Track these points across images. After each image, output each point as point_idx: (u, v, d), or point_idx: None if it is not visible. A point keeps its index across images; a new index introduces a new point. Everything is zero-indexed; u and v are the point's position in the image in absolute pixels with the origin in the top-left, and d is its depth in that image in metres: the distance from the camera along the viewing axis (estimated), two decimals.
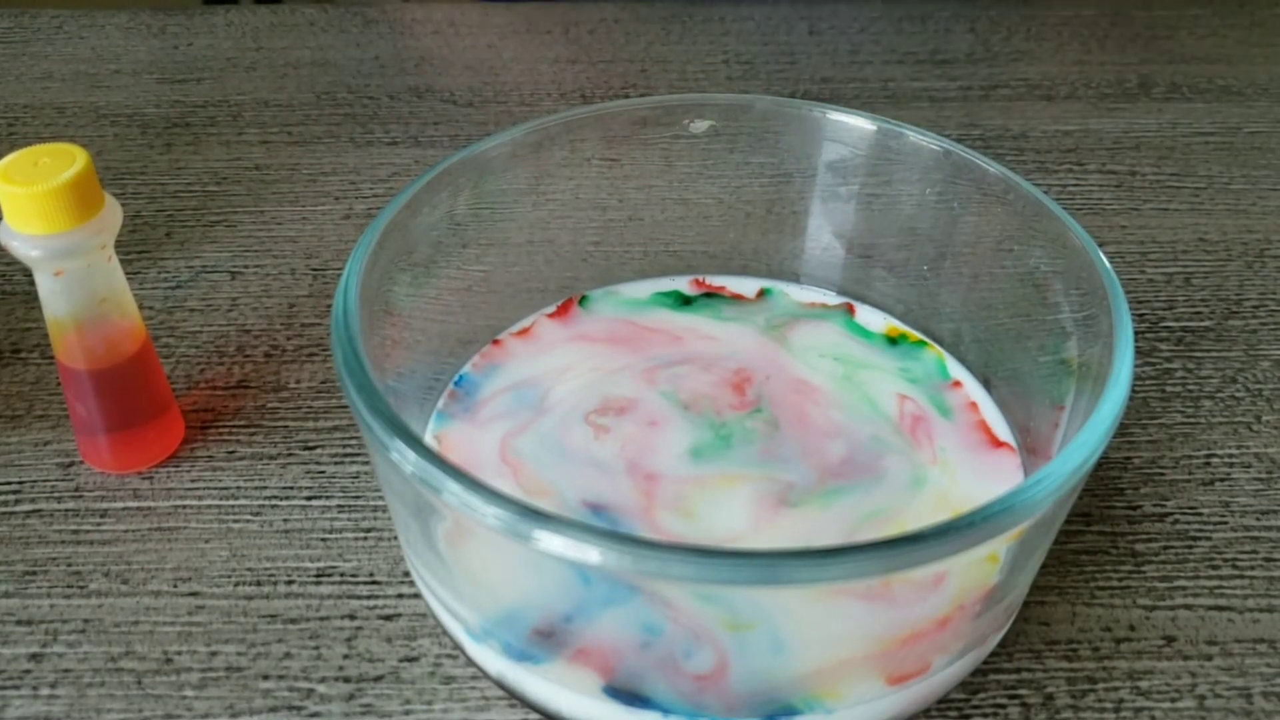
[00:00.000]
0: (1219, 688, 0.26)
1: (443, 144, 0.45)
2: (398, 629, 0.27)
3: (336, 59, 0.51)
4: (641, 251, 0.33)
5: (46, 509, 0.30)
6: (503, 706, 0.25)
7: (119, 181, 0.42)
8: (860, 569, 0.20)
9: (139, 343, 0.29)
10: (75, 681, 0.26)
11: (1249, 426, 0.32)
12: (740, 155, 0.33)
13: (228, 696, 0.25)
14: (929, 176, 0.30)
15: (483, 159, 0.29)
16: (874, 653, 0.22)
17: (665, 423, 0.29)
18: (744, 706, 0.22)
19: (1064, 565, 0.28)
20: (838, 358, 0.31)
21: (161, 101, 0.47)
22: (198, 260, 0.38)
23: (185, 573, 0.28)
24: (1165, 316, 0.36)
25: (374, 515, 0.30)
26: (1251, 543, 0.29)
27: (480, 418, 0.29)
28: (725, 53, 0.51)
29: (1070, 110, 0.47)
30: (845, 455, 0.28)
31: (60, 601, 0.27)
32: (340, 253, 0.39)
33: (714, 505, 0.27)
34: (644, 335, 0.31)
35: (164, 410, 0.31)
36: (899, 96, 0.48)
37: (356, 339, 0.24)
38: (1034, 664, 0.26)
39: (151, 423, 0.30)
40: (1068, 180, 0.43)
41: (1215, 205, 0.42)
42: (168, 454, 0.31)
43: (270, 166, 0.43)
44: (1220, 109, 0.47)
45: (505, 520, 0.20)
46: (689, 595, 0.22)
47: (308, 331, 0.35)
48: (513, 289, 0.32)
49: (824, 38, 0.52)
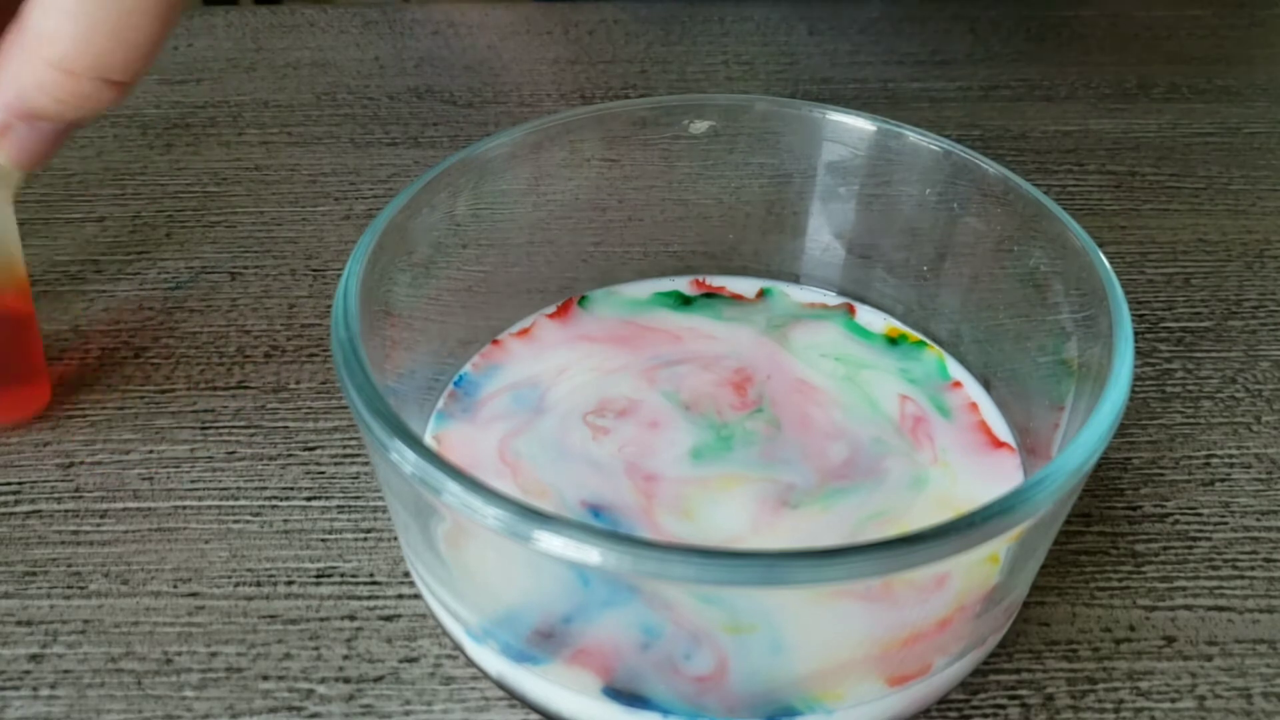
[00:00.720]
0: (1219, 688, 0.26)
1: (442, 144, 0.45)
2: (398, 630, 0.27)
3: (336, 60, 0.51)
4: (641, 252, 0.33)
5: (46, 509, 0.30)
6: (503, 707, 0.25)
7: (119, 182, 0.42)
8: (860, 569, 0.20)
9: (19, 301, 0.29)
10: (75, 682, 0.26)
11: (1249, 427, 0.32)
12: (740, 156, 0.33)
13: (227, 697, 0.25)
14: (929, 177, 0.30)
15: (482, 159, 0.29)
16: (875, 654, 0.22)
17: (666, 423, 0.29)
18: (744, 708, 0.22)
19: (1064, 566, 0.28)
20: (839, 358, 0.31)
21: (161, 102, 0.47)
22: (197, 261, 0.38)
23: (185, 573, 0.28)
24: (1165, 317, 0.36)
25: (374, 516, 0.30)
26: (1252, 543, 0.29)
27: (480, 418, 0.29)
28: (725, 53, 0.51)
29: (1070, 111, 0.47)
30: (847, 457, 0.28)
31: (60, 602, 0.27)
32: (340, 253, 0.39)
33: (714, 506, 0.27)
34: (644, 335, 0.32)
35: (28, 380, 0.31)
36: (898, 97, 0.48)
37: (356, 340, 0.24)
38: (1034, 664, 0.26)
39: (10, 386, 0.30)
40: (1067, 181, 0.43)
41: (1215, 206, 0.42)
42: (18, 418, 0.31)
43: (270, 167, 0.43)
44: (1220, 109, 0.47)
45: (505, 521, 0.20)
46: (689, 596, 0.22)
47: (308, 332, 0.35)
48: (512, 289, 0.32)
49: (823, 38, 0.52)
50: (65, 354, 0.34)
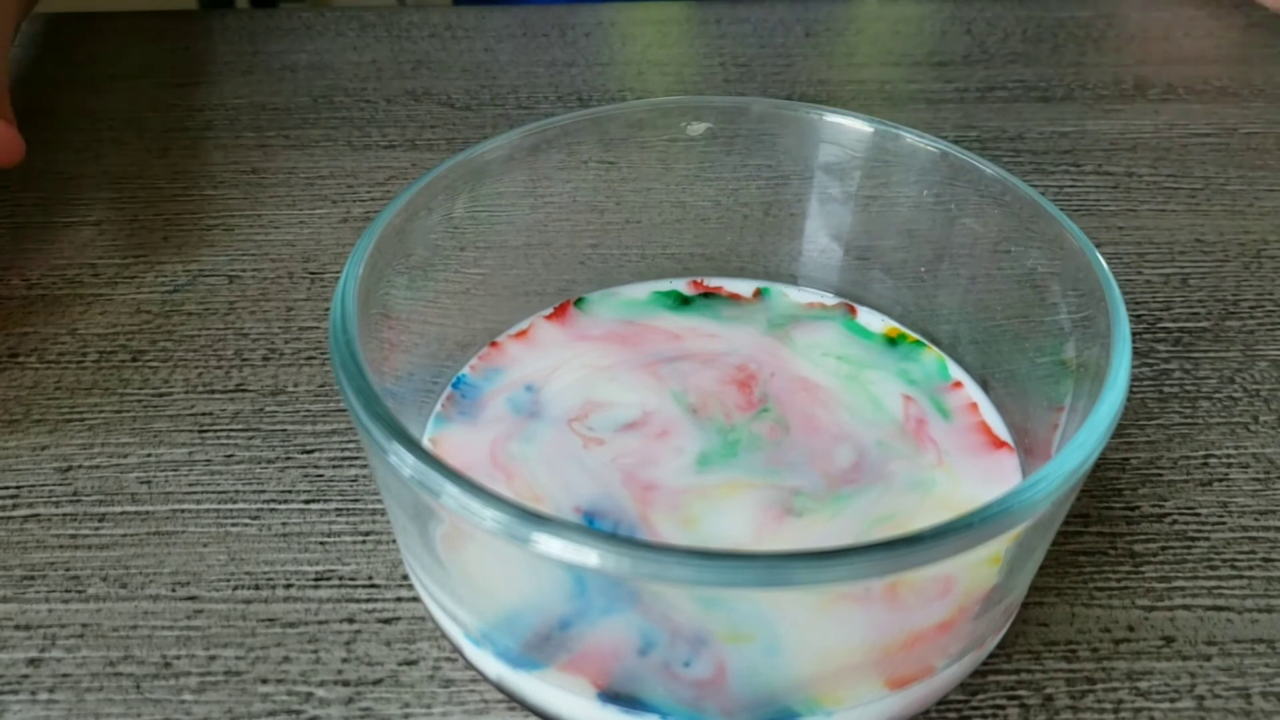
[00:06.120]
0: (1218, 688, 0.26)
1: (440, 147, 0.45)
2: (396, 632, 0.27)
3: (333, 62, 0.51)
4: (639, 254, 0.33)
5: (44, 513, 0.30)
6: (502, 710, 0.25)
7: (116, 185, 0.42)
8: (859, 570, 0.20)
9: None
10: (74, 686, 0.26)
11: (1246, 427, 0.32)
12: (737, 157, 0.33)
13: (226, 700, 0.25)
14: (926, 178, 0.30)
15: (480, 162, 0.29)
16: (875, 658, 0.22)
17: (675, 430, 0.28)
18: (742, 711, 0.22)
19: (1063, 566, 0.28)
20: (841, 357, 0.31)
21: (158, 105, 0.47)
22: (195, 264, 0.38)
23: (183, 577, 0.28)
24: (1163, 317, 0.36)
25: (372, 519, 0.30)
26: (1250, 543, 0.29)
27: (478, 421, 0.29)
28: (722, 55, 0.51)
29: (1067, 111, 0.47)
30: (855, 461, 0.28)
31: (58, 606, 0.27)
32: (338, 256, 0.39)
33: (716, 514, 0.26)
34: (643, 334, 0.31)
35: None
36: (895, 98, 0.48)
37: (354, 342, 0.24)
38: (1033, 665, 0.26)
39: None
40: (1065, 181, 0.43)
41: (1212, 206, 0.42)
42: None
43: (267, 170, 0.43)
44: (1216, 110, 0.47)
45: (503, 524, 0.20)
46: (688, 600, 0.22)
47: (305, 335, 0.35)
48: (510, 292, 0.32)
49: (820, 40, 0.53)
50: (63, 357, 0.34)
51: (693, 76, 0.50)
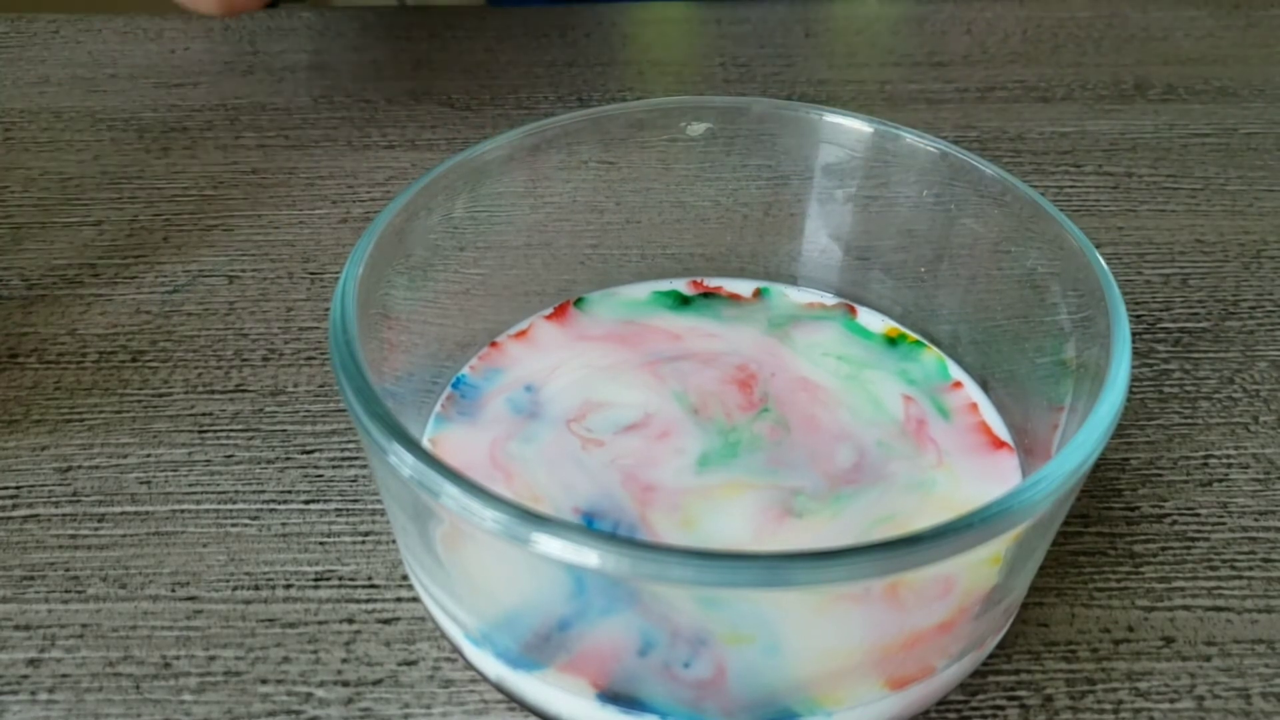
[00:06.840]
0: (1218, 688, 0.26)
1: (440, 147, 0.45)
2: (396, 633, 0.27)
3: (333, 63, 0.51)
4: (639, 254, 0.33)
5: (44, 514, 0.30)
6: (502, 710, 0.25)
7: (116, 186, 0.42)
8: (859, 570, 0.20)
9: None
10: (73, 686, 0.26)
11: (1246, 427, 0.32)
12: (737, 158, 0.33)
13: (226, 701, 0.25)
14: (926, 178, 0.30)
15: (480, 162, 0.29)
16: (875, 658, 0.22)
17: (671, 428, 0.29)
18: (742, 712, 0.22)
19: (1062, 566, 0.28)
20: (841, 357, 0.31)
21: (158, 106, 0.47)
22: (194, 264, 0.38)
23: (183, 577, 0.28)
24: (1162, 317, 0.36)
25: (372, 519, 0.30)
26: (1249, 543, 0.29)
27: (478, 421, 0.29)
28: (722, 55, 0.51)
29: (1067, 112, 0.47)
30: (855, 461, 0.28)
31: (58, 606, 0.27)
32: (338, 256, 0.39)
33: (716, 515, 0.26)
34: (643, 333, 0.31)
35: None
36: (895, 98, 0.48)
37: (354, 342, 0.24)
38: (1033, 665, 0.26)
39: None
40: (1064, 182, 0.43)
41: (1212, 206, 0.42)
42: None
43: (267, 170, 0.43)
44: (1216, 110, 0.47)
45: (503, 524, 0.20)
46: (688, 601, 0.22)
47: (305, 335, 0.35)
48: (510, 292, 0.32)
49: (820, 40, 0.53)
50: (62, 357, 0.34)
51: (693, 76, 0.50)
